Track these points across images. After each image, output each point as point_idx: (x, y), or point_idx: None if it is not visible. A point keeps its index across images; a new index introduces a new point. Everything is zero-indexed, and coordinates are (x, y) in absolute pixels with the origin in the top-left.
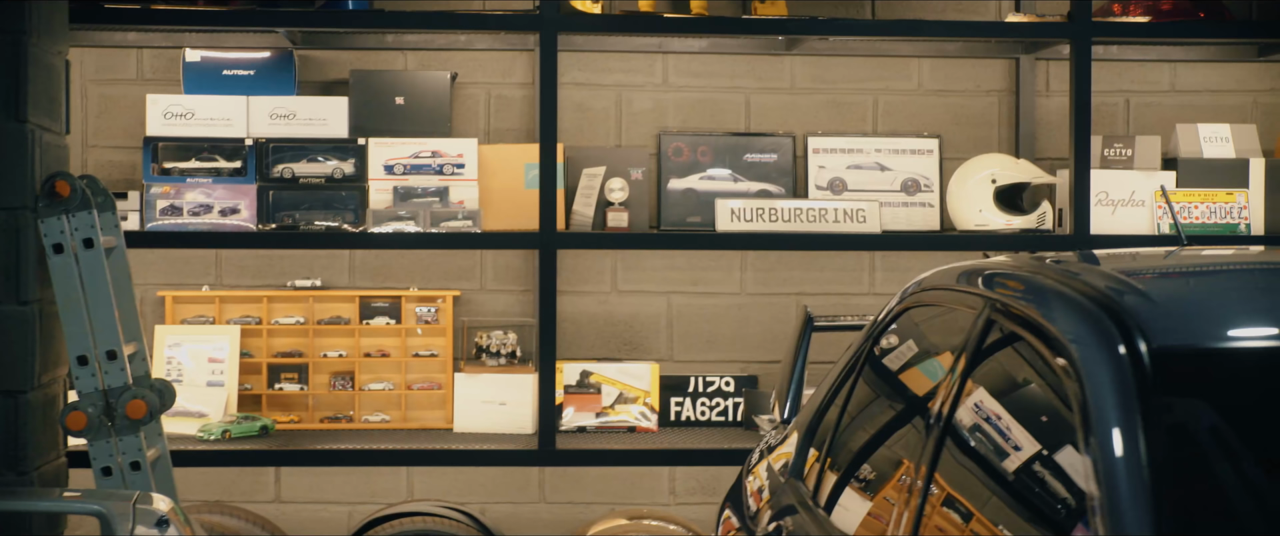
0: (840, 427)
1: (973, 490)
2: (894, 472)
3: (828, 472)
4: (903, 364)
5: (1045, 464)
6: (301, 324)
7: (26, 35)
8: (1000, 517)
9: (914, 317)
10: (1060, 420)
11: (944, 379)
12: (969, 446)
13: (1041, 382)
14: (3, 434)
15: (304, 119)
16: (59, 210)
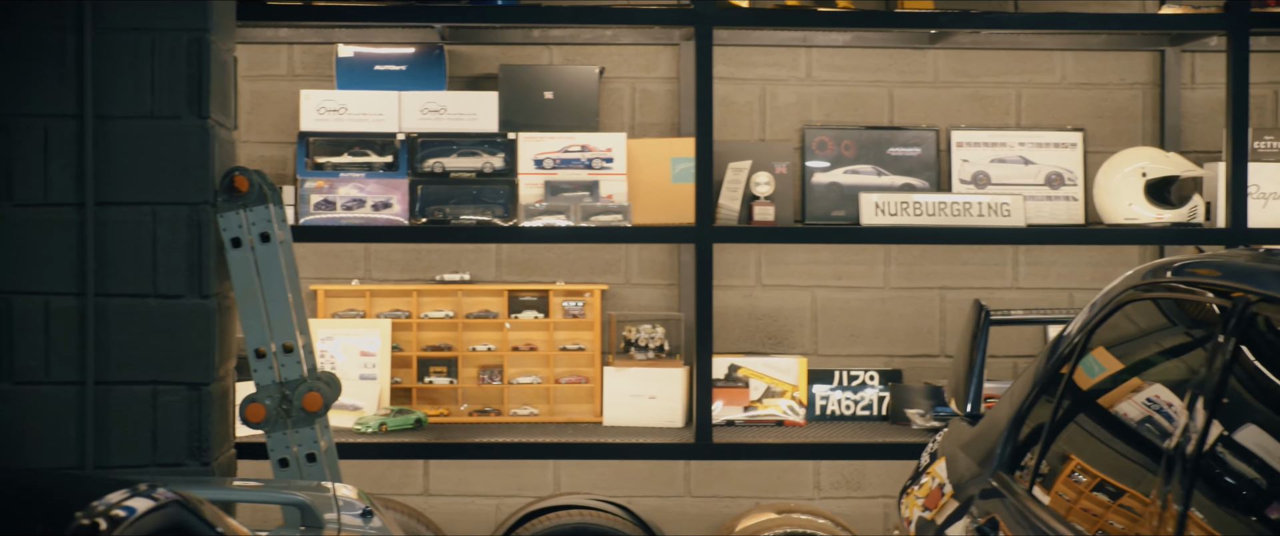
0: (1057, 422)
1: (1254, 488)
2: (1139, 466)
3: (1048, 465)
4: (1133, 361)
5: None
6: (450, 318)
7: (208, 33)
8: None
9: (1133, 314)
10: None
11: (1195, 375)
12: (1241, 444)
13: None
14: (187, 425)
15: (454, 114)
16: (237, 205)
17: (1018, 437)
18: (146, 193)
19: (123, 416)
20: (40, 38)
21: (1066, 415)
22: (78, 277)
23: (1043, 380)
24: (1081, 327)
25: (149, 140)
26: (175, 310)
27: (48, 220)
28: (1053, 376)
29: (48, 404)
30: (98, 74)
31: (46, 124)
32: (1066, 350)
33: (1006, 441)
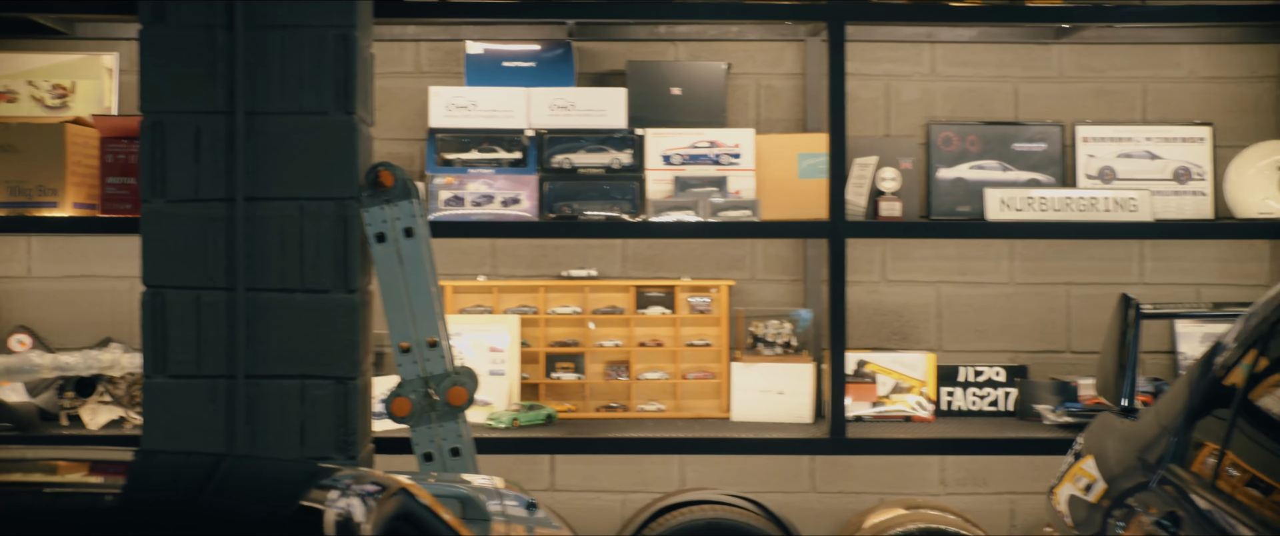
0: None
1: None
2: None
3: (1234, 460)
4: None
5: None
6: (577, 314)
7: (355, 29)
8: None
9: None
10: None
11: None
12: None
13: None
14: (334, 419)
15: (583, 110)
16: (381, 200)
17: (1191, 430)
18: (294, 188)
19: (272, 410)
20: (192, 36)
21: (1251, 411)
22: (228, 272)
23: (1209, 375)
24: (1266, 323)
25: (297, 136)
26: (322, 305)
27: (199, 216)
28: (1223, 371)
29: (200, 397)
30: (248, 71)
31: (198, 121)
32: (1245, 345)
33: (1179, 436)
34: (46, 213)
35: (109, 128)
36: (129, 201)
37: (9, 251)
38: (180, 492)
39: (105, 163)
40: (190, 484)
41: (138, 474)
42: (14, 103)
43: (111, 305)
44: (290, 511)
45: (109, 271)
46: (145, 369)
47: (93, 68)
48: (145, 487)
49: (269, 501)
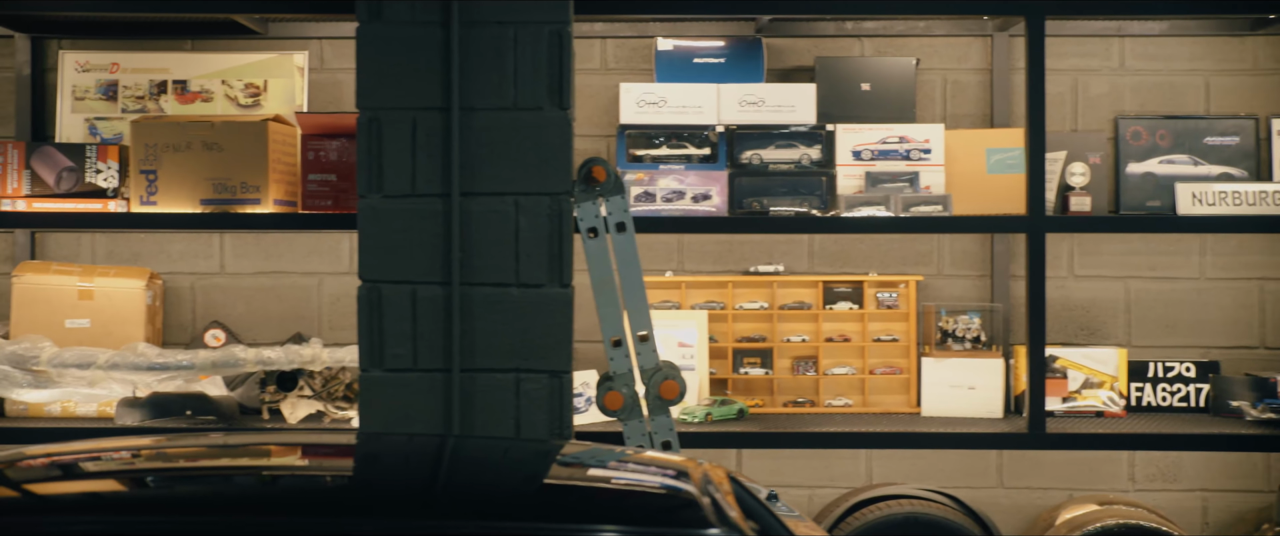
0: None
1: None
2: None
3: None
4: None
5: None
6: (764, 309)
7: (568, 25)
8: None
9: None
10: None
11: None
12: None
13: None
14: (547, 412)
15: (773, 106)
16: (594, 195)
17: None
18: (509, 183)
19: (487, 403)
20: (408, 33)
21: None
22: (443, 267)
23: None
24: None
25: (511, 132)
26: (537, 299)
27: (415, 211)
28: None
29: (416, 390)
30: (463, 68)
31: (415, 117)
32: None
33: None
34: (249, 209)
35: (311, 125)
36: (329, 198)
37: (202, 247)
38: (555, 472)
39: (306, 159)
40: (556, 465)
41: (515, 454)
42: (209, 102)
43: (300, 301)
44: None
45: (298, 268)
46: (362, 363)
47: (284, 67)
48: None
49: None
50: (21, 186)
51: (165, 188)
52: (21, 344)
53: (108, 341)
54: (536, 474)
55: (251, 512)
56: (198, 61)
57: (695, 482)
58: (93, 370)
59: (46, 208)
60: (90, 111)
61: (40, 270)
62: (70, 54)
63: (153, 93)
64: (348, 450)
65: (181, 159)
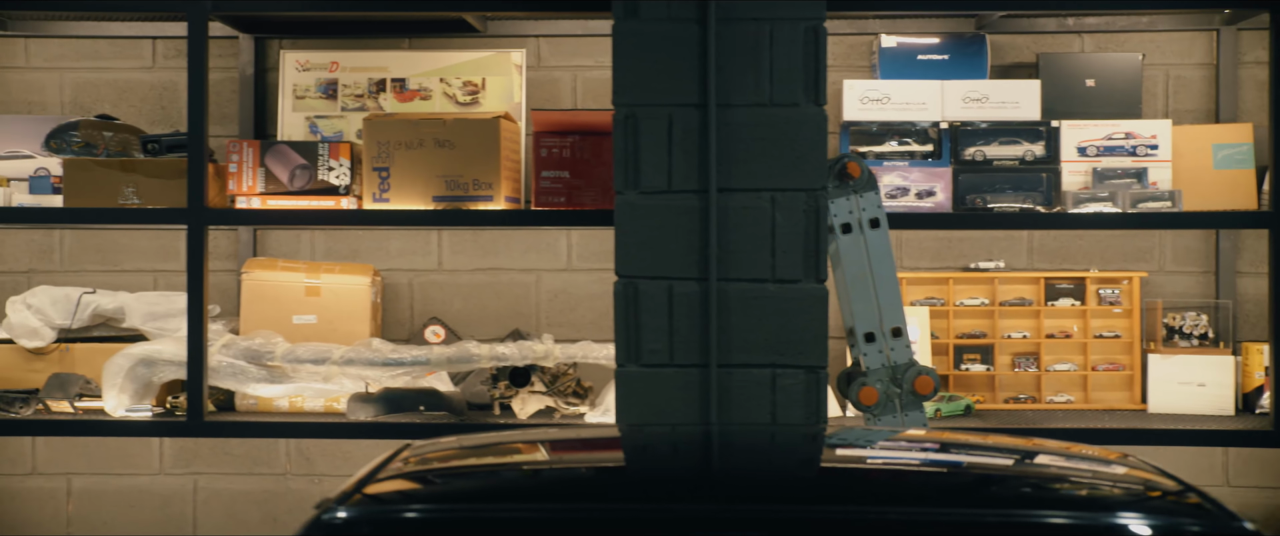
0: None
1: None
2: None
3: None
4: None
5: None
6: (985, 305)
7: (824, 21)
8: None
9: None
10: None
11: None
12: None
13: None
14: (804, 408)
15: (996, 102)
16: (847, 191)
17: None
18: (765, 179)
19: (744, 398)
20: (664, 30)
21: None
22: (700, 263)
23: None
24: None
25: (767, 128)
26: (792, 295)
27: (671, 207)
28: None
29: (671, 386)
30: (720, 64)
31: (671, 113)
32: None
33: None
34: (481, 206)
35: (545, 122)
36: (562, 195)
37: (421, 244)
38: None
39: (539, 156)
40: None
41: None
42: (427, 99)
43: (518, 297)
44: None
45: (516, 264)
46: (618, 358)
47: (502, 64)
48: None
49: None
50: (256, 184)
51: (397, 184)
52: (255, 339)
53: (333, 337)
54: (1017, 466)
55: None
56: (416, 60)
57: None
58: (328, 365)
59: (280, 205)
60: (310, 110)
61: (267, 267)
62: (290, 53)
63: (372, 91)
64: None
65: (414, 156)
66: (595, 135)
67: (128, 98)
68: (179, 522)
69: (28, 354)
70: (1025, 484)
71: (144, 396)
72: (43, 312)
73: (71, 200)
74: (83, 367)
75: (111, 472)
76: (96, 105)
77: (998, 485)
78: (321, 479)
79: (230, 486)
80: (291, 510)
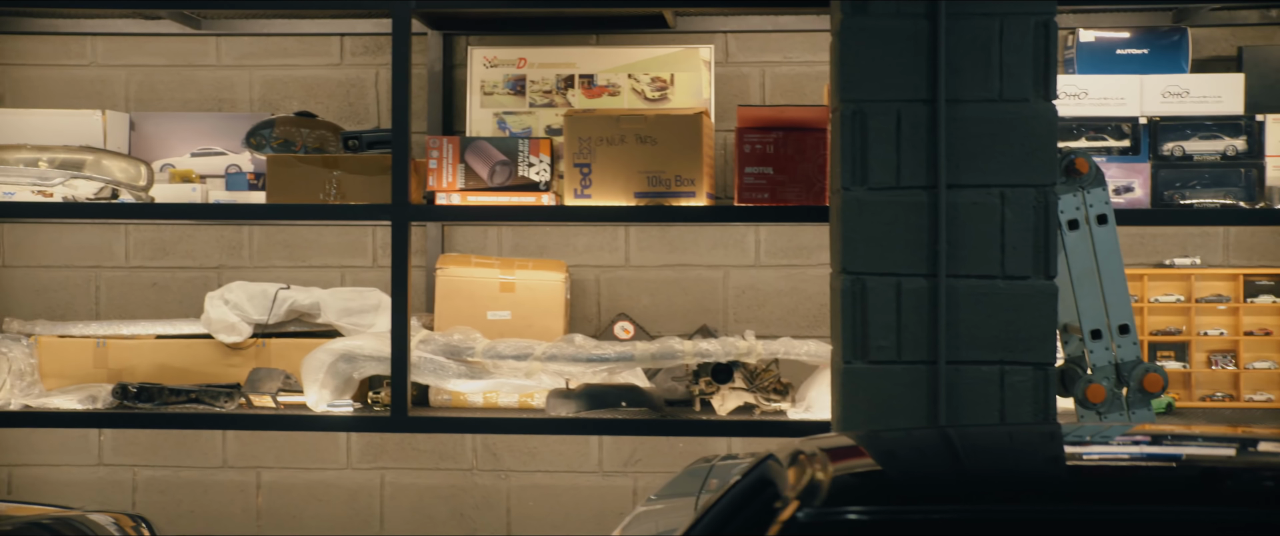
0: None
1: None
2: None
3: None
4: None
5: None
6: (1180, 302)
7: (1054, 15)
8: None
9: None
10: None
11: None
12: None
13: None
14: (1032, 405)
15: (1197, 97)
16: (1075, 187)
17: None
18: (994, 176)
19: (971, 395)
20: (893, 26)
21: None
22: (928, 259)
23: None
24: None
25: (996, 124)
26: (1021, 291)
27: (899, 203)
28: None
29: (898, 383)
30: (949, 59)
31: (899, 109)
32: None
33: None
34: (684, 202)
35: (749, 118)
36: (765, 191)
37: (608, 240)
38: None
39: (742, 152)
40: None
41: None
42: (615, 96)
43: (705, 293)
44: None
45: (703, 260)
46: (844, 355)
47: (690, 60)
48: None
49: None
50: (456, 180)
51: (599, 180)
52: (453, 335)
53: (527, 333)
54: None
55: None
56: (604, 56)
57: None
58: (530, 361)
59: (481, 201)
60: (499, 106)
61: (461, 263)
62: (478, 50)
63: (560, 87)
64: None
65: (615, 152)
66: (799, 131)
67: (315, 94)
68: (366, 516)
69: (225, 348)
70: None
71: (344, 392)
72: (240, 308)
73: (274, 196)
74: (278, 362)
75: (300, 466)
76: (285, 102)
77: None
78: (509, 474)
79: (417, 481)
80: (478, 505)
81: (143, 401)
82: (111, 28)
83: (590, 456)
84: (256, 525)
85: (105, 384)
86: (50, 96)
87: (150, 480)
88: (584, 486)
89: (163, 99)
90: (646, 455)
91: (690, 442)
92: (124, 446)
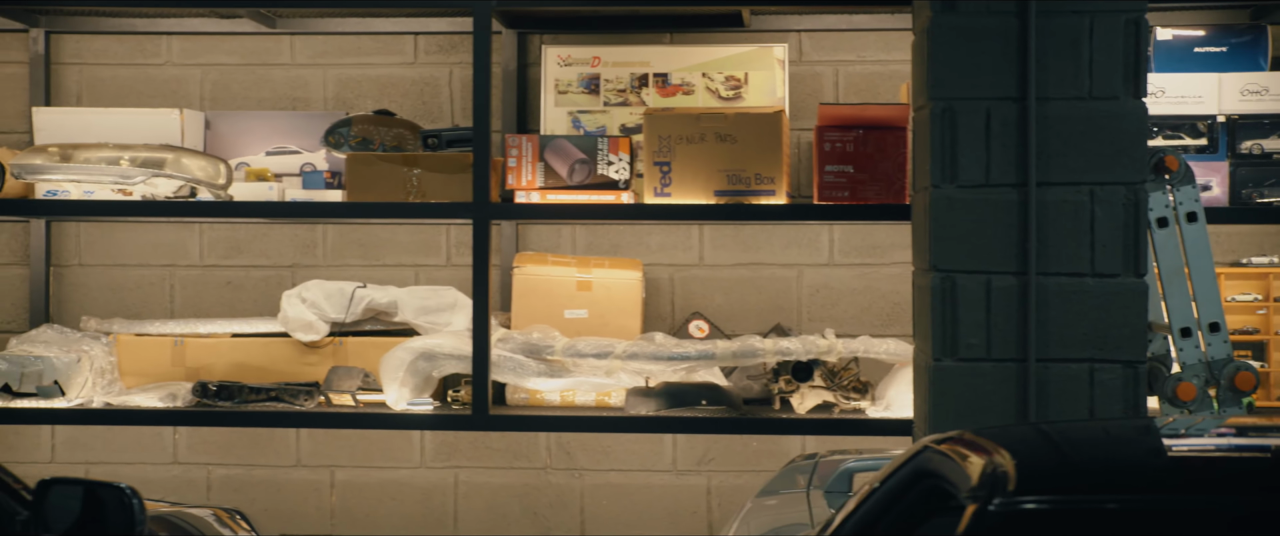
0: None
1: None
2: None
3: None
4: None
5: None
6: (1258, 301)
7: (1144, 13)
8: None
9: None
10: None
11: None
12: None
13: None
14: (1122, 403)
15: (1275, 94)
16: (1163, 185)
17: None
18: (1083, 173)
19: (1061, 393)
20: (983, 24)
21: None
22: (1017, 257)
23: None
24: None
25: (1086, 122)
26: (1111, 289)
27: (989, 201)
28: None
29: (987, 380)
30: (1039, 57)
31: (988, 107)
32: None
33: None
34: (763, 200)
35: (830, 117)
36: (845, 189)
37: (681, 239)
38: None
39: (822, 151)
40: None
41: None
42: (690, 94)
43: (779, 292)
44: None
45: (777, 259)
46: (934, 352)
47: (764, 59)
48: None
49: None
50: (535, 179)
51: (679, 179)
52: (532, 334)
53: (604, 331)
54: None
55: None
56: (677, 55)
57: None
58: (610, 359)
59: (561, 199)
60: (573, 105)
61: (538, 261)
62: (552, 49)
63: (634, 86)
64: None
65: (694, 150)
66: (879, 129)
67: (389, 93)
68: (439, 515)
69: (302, 347)
70: None
71: (423, 390)
72: (317, 306)
73: (355, 194)
74: (355, 360)
75: (373, 465)
76: (359, 101)
77: None
78: (582, 473)
79: (490, 480)
80: (552, 504)
81: (222, 400)
82: (187, 27)
83: (664, 455)
84: (330, 524)
85: (184, 382)
86: (125, 96)
87: (224, 478)
88: (657, 485)
89: (236, 98)
90: (720, 454)
91: (763, 441)
92: (199, 445)
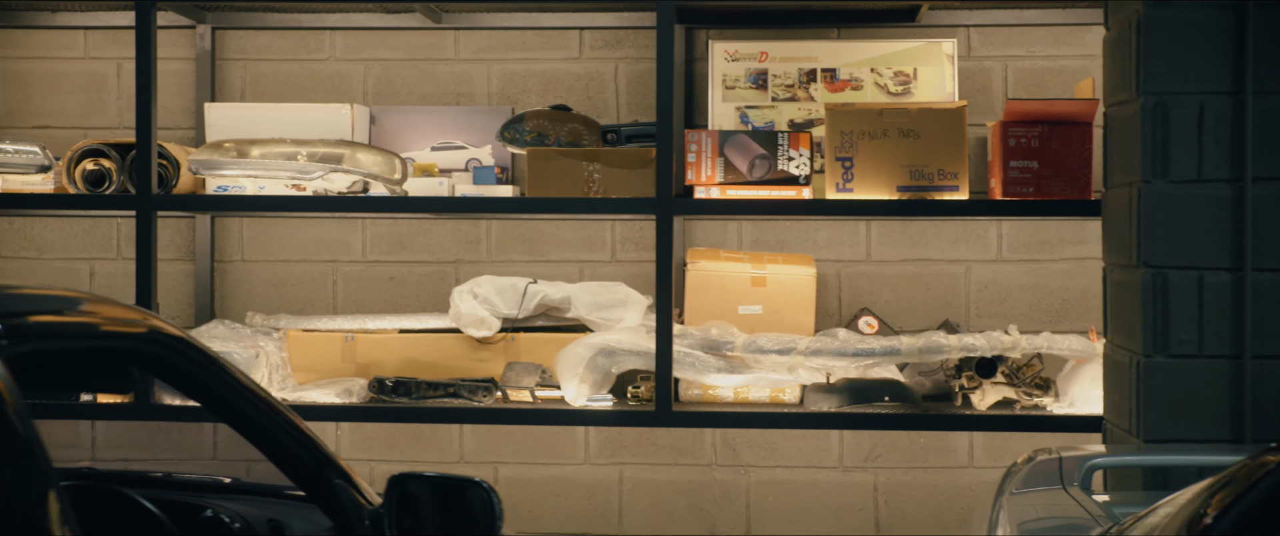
0: None
1: None
2: None
3: None
4: None
5: None
6: None
7: None
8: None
9: None
10: None
11: None
12: None
13: None
14: None
15: None
16: None
17: None
18: None
19: (1275, 390)
20: (1198, 17)
21: None
22: (1231, 253)
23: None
24: None
25: None
26: None
27: (1201, 196)
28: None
29: (1198, 377)
30: (1255, 50)
31: (1202, 101)
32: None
33: None
34: (946, 196)
35: (1016, 112)
36: (1030, 185)
37: (849, 234)
38: None
39: (1006, 146)
40: None
41: None
42: (858, 90)
43: (946, 288)
44: None
45: (945, 255)
46: (1145, 348)
47: (933, 54)
48: None
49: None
50: (715, 174)
51: (861, 175)
52: (710, 330)
53: (778, 327)
54: None
55: None
56: (845, 50)
57: None
58: (793, 355)
59: (742, 194)
60: (740, 100)
61: (711, 257)
62: (719, 44)
63: (802, 81)
64: None
65: (877, 146)
66: (1064, 125)
67: (553, 88)
68: (604, 512)
69: (473, 343)
70: None
71: (601, 386)
72: (489, 302)
73: (534, 189)
74: (527, 356)
75: (537, 462)
76: (523, 96)
77: None
78: (748, 469)
79: (655, 477)
80: (717, 501)
81: (399, 396)
82: (352, 22)
83: (831, 452)
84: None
85: (356, 378)
86: (287, 91)
87: (388, 474)
88: (824, 482)
89: (400, 93)
90: (887, 451)
91: (930, 438)
92: (361, 441)
